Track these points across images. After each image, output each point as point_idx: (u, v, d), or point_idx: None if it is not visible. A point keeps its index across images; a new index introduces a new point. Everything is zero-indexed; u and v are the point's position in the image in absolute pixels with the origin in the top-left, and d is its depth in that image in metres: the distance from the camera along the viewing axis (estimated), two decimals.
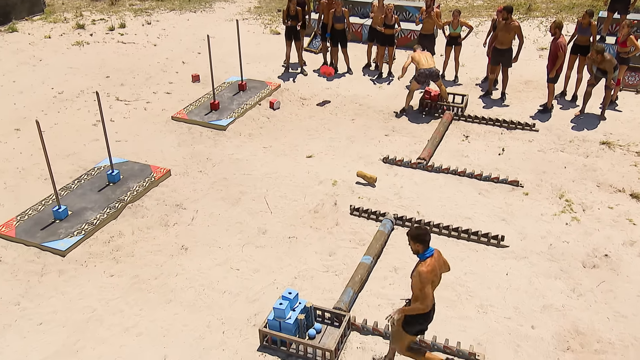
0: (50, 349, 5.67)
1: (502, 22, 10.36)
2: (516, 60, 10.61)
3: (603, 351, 5.51)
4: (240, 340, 5.77)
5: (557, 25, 9.83)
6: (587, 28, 10.12)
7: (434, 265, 4.61)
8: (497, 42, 10.51)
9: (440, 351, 5.56)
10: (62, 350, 5.66)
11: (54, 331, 5.89)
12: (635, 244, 6.94)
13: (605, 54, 9.45)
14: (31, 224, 7.29)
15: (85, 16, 16.00)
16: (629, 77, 10.91)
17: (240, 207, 7.84)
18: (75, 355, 5.61)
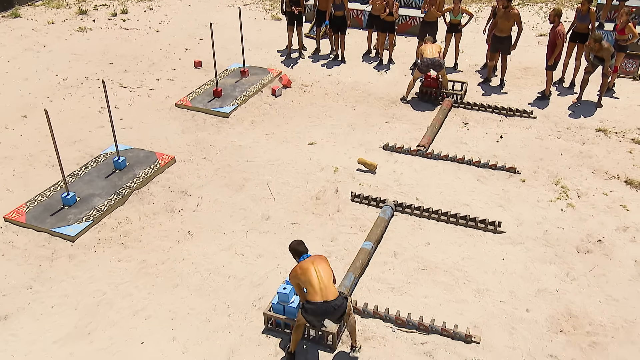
0: (63, 331, 5.85)
1: (502, 9, 10.41)
2: (515, 47, 10.68)
3: (594, 333, 5.69)
4: (245, 322, 5.95)
5: (557, 13, 9.89)
6: (586, 15, 10.17)
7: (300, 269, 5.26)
8: (497, 29, 10.57)
9: (438, 333, 5.74)
10: (75, 332, 5.84)
11: (66, 314, 6.07)
12: (628, 229, 7.09)
13: (602, 43, 9.53)
14: (41, 210, 7.43)
15: (87, 1, 15.98)
16: (626, 64, 10.99)
17: (244, 193, 7.98)
18: (87, 337, 5.80)
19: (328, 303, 5.11)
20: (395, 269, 6.67)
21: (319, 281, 5.17)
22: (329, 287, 5.17)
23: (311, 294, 5.13)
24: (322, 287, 5.17)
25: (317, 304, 5.10)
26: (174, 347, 5.68)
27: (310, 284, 5.15)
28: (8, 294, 6.32)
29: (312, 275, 5.17)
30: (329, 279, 5.25)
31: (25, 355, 5.59)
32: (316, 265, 5.25)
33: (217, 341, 5.74)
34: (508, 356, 5.50)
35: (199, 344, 5.71)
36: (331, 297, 5.13)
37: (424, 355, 5.54)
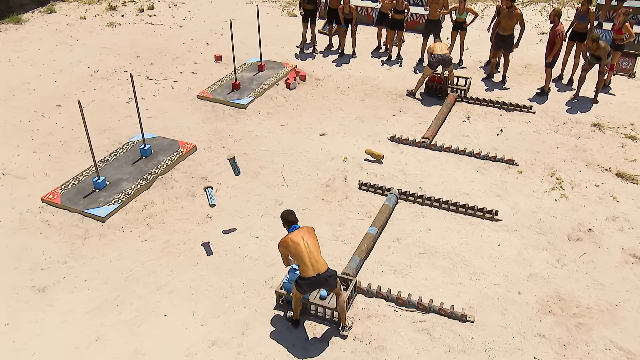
0: (94, 303, 6.07)
1: (506, 9, 10.38)
2: (517, 46, 10.64)
3: (581, 315, 5.79)
4: (259, 299, 6.13)
5: (556, 13, 9.84)
6: (586, 15, 10.11)
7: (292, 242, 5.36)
8: (500, 28, 10.54)
9: (435, 313, 5.87)
10: (105, 305, 6.06)
11: (97, 287, 6.29)
12: (617, 219, 7.14)
13: (600, 42, 9.48)
14: (74, 193, 7.64)
15: None
16: (622, 62, 10.91)
17: (259, 180, 8.12)
18: (116, 309, 6.01)
19: (320, 276, 5.30)
20: (398, 252, 6.79)
21: (309, 257, 5.32)
22: (319, 261, 5.35)
23: (304, 270, 5.31)
24: (313, 261, 5.33)
25: (310, 278, 5.29)
26: (193, 319, 5.87)
27: (302, 261, 5.31)
28: (46, 269, 6.55)
29: (303, 252, 5.32)
30: (318, 252, 5.40)
31: (61, 324, 5.82)
32: (306, 239, 5.38)
33: (233, 315, 5.92)
34: (499, 334, 5.62)
35: (217, 317, 5.90)
36: (322, 270, 5.32)
37: (422, 332, 5.68)
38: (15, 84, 10.98)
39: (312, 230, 5.56)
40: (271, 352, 5.50)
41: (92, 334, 5.69)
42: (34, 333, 5.72)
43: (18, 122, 9.62)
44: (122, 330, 5.74)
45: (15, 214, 7.38)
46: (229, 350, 5.52)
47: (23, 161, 8.51)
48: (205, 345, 5.57)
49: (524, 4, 14.97)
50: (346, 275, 6.19)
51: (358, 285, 6.17)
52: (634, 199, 7.51)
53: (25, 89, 10.78)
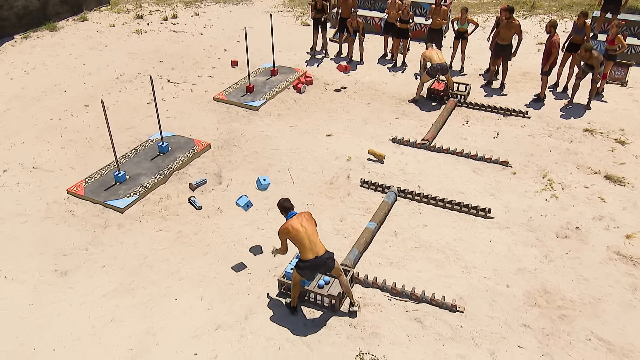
0: (111, 287, 6.16)
1: (505, 20, 10.30)
2: (515, 54, 10.55)
3: (565, 307, 5.74)
4: (262, 287, 6.17)
5: (552, 25, 9.75)
6: (582, 28, 10.00)
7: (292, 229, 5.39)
8: (499, 38, 10.47)
9: (427, 303, 5.86)
10: (120, 288, 6.14)
11: (114, 272, 6.38)
12: (604, 219, 7.05)
13: (592, 52, 9.37)
14: (97, 185, 7.75)
15: (144, 7, 16.29)
16: (615, 71, 10.77)
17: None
18: (131, 292, 6.09)
19: (319, 258, 5.34)
20: (394, 246, 6.78)
21: (309, 241, 5.36)
22: (318, 244, 5.38)
23: (304, 253, 5.34)
24: (312, 245, 5.37)
25: (310, 260, 5.32)
26: (201, 304, 5.93)
27: (302, 244, 5.35)
28: (68, 254, 6.65)
29: (303, 237, 5.36)
30: (316, 236, 5.43)
31: (80, 305, 5.91)
32: (304, 225, 5.41)
33: (238, 301, 5.96)
34: (487, 324, 5.59)
35: (223, 302, 5.95)
36: (321, 252, 5.37)
37: (414, 321, 5.67)
38: (48, 85, 11.16)
39: (310, 214, 5.58)
40: (271, 336, 5.53)
41: (108, 315, 5.78)
42: (55, 313, 5.82)
43: (49, 121, 9.78)
44: (135, 312, 5.81)
45: (42, 204, 7.51)
46: (233, 333, 5.57)
47: (52, 156, 8.65)
48: (210, 328, 5.62)
49: (524, 16, 14.84)
50: (345, 266, 6.19)
51: (355, 276, 6.18)
52: (620, 200, 7.42)
53: (57, 90, 10.95)
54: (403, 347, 5.36)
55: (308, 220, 5.49)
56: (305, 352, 5.35)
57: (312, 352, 5.35)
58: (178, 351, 5.37)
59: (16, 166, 8.38)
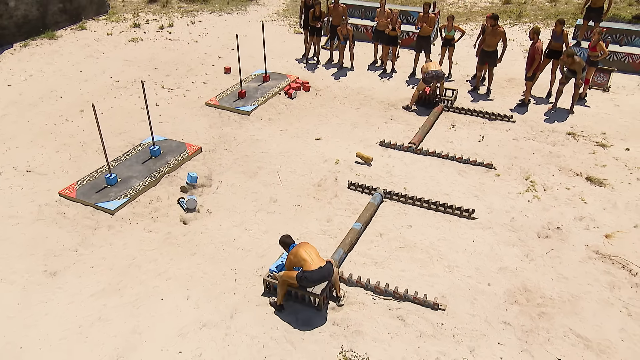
0: (99, 287, 6.10)
1: (490, 27, 10.32)
2: (500, 61, 10.57)
3: (544, 305, 5.70)
4: (248, 286, 6.11)
5: (535, 31, 9.76)
6: (560, 36, 10.03)
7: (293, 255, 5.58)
8: (485, 44, 10.48)
9: (410, 301, 5.81)
10: (108, 288, 6.08)
11: (103, 273, 6.32)
12: (584, 219, 7.03)
13: (574, 57, 9.38)
14: (88, 188, 7.70)
15: (141, 17, 16.29)
16: (597, 77, 10.78)
17: (257, 179, 8.13)
18: (118, 292, 6.03)
19: (322, 268, 5.41)
20: (379, 246, 6.74)
21: (309, 257, 5.50)
22: (318, 258, 5.51)
23: (307, 266, 5.42)
24: (313, 259, 5.47)
25: (313, 271, 5.38)
26: (187, 303, 5.87)
27: (304, 260, 5.48)
28: (58, 255, 6.60)
29: (303, 255, 5.52)
30: (316, 253, 5.58)
31: (68, 304, 5.85)
32: (303, 247, 5.58)
33: (224, 300, 5.91)
34: (468, 322, 5.54)
35: (209, 302, 5.89)
36: (323, 264, 5.46)
37: (396, 319, 5.62)
38: (44, 91, 11.13)
39: (307, 243, 5.76)
40: (256, 334, 5.47)
41: (95, 314, 5.72)
42: (43, 312, 5.76)
43: (44, 125, 9.74)
44: (122, 312, 5.75)
45: (34, 206, 7.46)
46: (218, 332, 5.51)
47: (45, 159, 8.61)
48: (196, 327, 5.57)
49: (510, 24, 14.89)
50: None
51: (340, 275, 6.13)
52: (600, 201, 7.39)
53: (53, 96, 10.92)
54: (385, 345, 5.31)
55: (307, 244, 5.69)
56: (289, 349, 5.29)
57: (295, 349, 5.29)
58: (163, 349, 5.31)
59: (10, 170, 8.33)
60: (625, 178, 7.95)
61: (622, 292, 5.85)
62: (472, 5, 16.84)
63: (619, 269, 6.18)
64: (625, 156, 8.53)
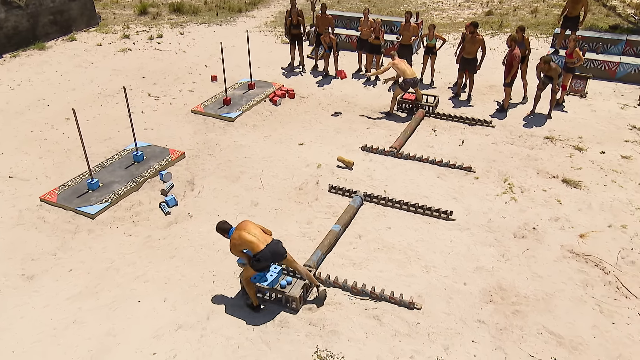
0: (75, 290, 5.97)
1: (469, 35, 10.36)
2: (480, 67, 10.61)
3: (518, 303, 5.63)
4: (226, 288, 6.01)
5: (512, 38, 9.81)
6: (522, 42, 10.12)
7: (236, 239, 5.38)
8: (465, 52, 10.52)
9: (386, 301, 5.72)
10: (85, 291, 5.95)
11: (80, 276, 6.19)
12: (560, 219, 6.99)
13: (551, 64, 9.41)
14: (70, 193, 7.59)
15: (131, 28, 16.27)
16: (575, 83, 10.83)
17: (239, 184, 8.05)
18: (95, 295, 5.90)
19: (269, 245, 5.37)
20: (358, 248, 6.66)
21: (255, 237, 5.38)
22: (264, 236, 5.43)
23: (254, 248, 5.31)
24: (259, 238, 5.40)
25: (262, 251, 5.31)
26: (164, 305, 5.76)
27: (250, 242, 5.35)
28: (36, 259, 6.46)
29: (247, 237, 5.35)
30: (260, 229, 5.48)
31: (43, 308, 5.72)
32: (245, 229, 5.40)
33: (201, 302, 5.80)
34: (443, 320, 5.46)
35: (186, 304, 5.78)
36: (269, 240, 5.43)
37: (372, 318, 5.53)
38: (32, 100, 11.03)
39: (247, 220, 5.54)
40: (231, 335, 5.36)
41: (70, 317, 5.58)
42: (18, 316, 5.62)
43: (30, 133, 9.63)
44: (97, 314, 5.63)
45: (15, 211, 7.33)
46: (193, 333, 5.39)
47: (29, 166, 8.49)
48: (172, 328, 5.45)
49: (492, 34, 14.99)
50: (307, 267, 6.06)
51: (317, 276, 6.04)
52: (576, 202, 7.37)
53: (39, 105, 10.82)
54: (360, 344, 5.21)
55: (247, 223, 5.47)
56: (264, 350, 5.18)
57: (270, 350, 5.18)
58: (137, 351, 5.18)
59: None
60: (601, 180, 7.94)
61: (595, 289, 5.80)
62: (455, 17, 16.96)
63: (593, 267, 6.13)
64: (600, 159, 8.53)
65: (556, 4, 17.61)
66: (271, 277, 5.84)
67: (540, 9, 17.35)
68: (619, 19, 15.72)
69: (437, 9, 18.00)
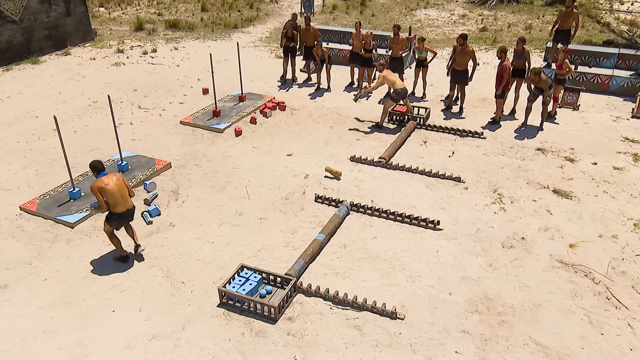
0: (49, 299, 5.81)
1: (459, 47, 10.36)
2: (471, 79, 10.58)
3: (505, 313, 5.46)
4: (204, 298, 5.85)
5: (502, 50, 9.80)
6: (522, 54, 10.07)
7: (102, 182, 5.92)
8: (455, 64, 10.50)
9: (368, 310, 5.56)
10: (58, 300, 5.80)
11: (55, 285, 6.04)
12: (549, 229, 6.85)
13: (541, 75, 9.38)
14: (50, 202, 7.48)
15: (126, 43, 16.36)
16: (567, 96, 10.79)
17: (224, 193, 7.93)
18: (68, 304, 5.74)
19: (128, 210, 6.05)
20: (342, 257, 6.52)
21: (120, 196, 5.95)
22: (127, 199, 6.04)
23: (115, 206, 5.94)
24: (123, 200, 5.98)
25: (121, 213, 6.00)
26: (139, 315, 5.59)
27: (114, 198, 5.91)
28: (11, 268, 6.32)
29: (114, 192, 5.91)
30: (126, 192, 6.05)
31: (14, 317, 5.56)
32: (115, 184, 5.92)
33: (177, 312, 5.64)
34: (426, 330, 5.29)
35: (162, 313, 5.61)
36: (130, 206, 6.07)
37: (353, 329, 5.36)
38: (21, 112, 11.01)
39: (121, 176, 6.07)
40: (206, 345, 5.18)
41: (41, 327, 5.42)
42: None
43: (16, 143, 9.57)
44: (70, 324, 5.46)
45: None
46: (167, 343, 5.22)
47: (11, 175, 8.40)
48: (145, 339, 5.27)
49: (486, 49, 15.05)
50: (288, 275, 5.91)
51: (299, 285, 5.88)
52: (566, 212, 7.23)
53: (28, 116, 10.79)
54: (339, 355, 5.03)
55: (118, 179, 5.96)
56: None
57: None
58: None
59: None
60: (592, 190, 7.82)
61: (584, 300, 5.63)
62: (450, 33, 17.05)
63: (582, 277, 5.97)
64: (592, 170, 8.42)
65: (550, 20, 17.71)
66: (250, 285, 5.71)
67: (534, 25, 17.47)
68: (612, 34, 15.79)
69: (432, 25, 18.12)
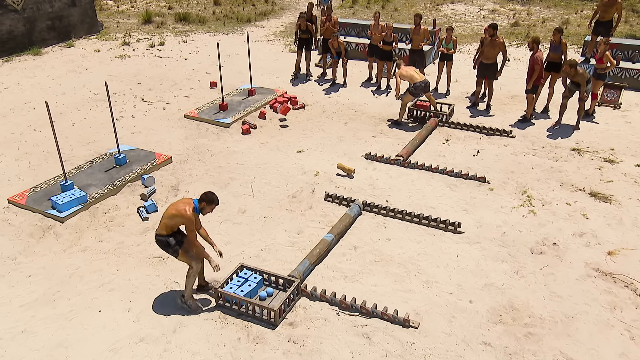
0: (31, 297, 5.70)
1: (489, 38, 10.11)
2: (500, 74, 10.30)
3: (532, 325, 5.14)
4: (198, 299, 5.66)
5: (535, 41, 9.50)
6: (558, 46, 9.73)
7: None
8: (484, 57, 10.24)
9: (378, 317, 5.31)
10: (41, 299, 5.67)
11: (40, 283, 5.92)
12: (585, 235, 6.51)
13: (577, 68, 9.06)
14: (41, 195, 7.41)
15: (132, 36, 16.47)
16: (608, 94, 10.42)
17: (228, 190, 7.78)
18: (52, 303, 5.62)
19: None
20: (352, 260, 6.28)
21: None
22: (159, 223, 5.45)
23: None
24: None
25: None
26: (127, 316, 5.43)
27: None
28: None
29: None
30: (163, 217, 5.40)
31: None
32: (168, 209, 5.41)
33: (170, 313, 5.46)
34: (442, 341, 5.01)
35: (152, 315, 5.45)
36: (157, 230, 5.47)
37: (361, 337, 5.11)
38: (18, 103, 11.07)
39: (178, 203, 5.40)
40: (198, 350, 4.99)
41: (20, 326, 5.29)
42: None
43: (10, 135, 9.59)
44: (51, 324, 5.32)
45: None
46: (156, 347, 5.04)
47: (2, 167, 8.39)
48: (132, 341, 5.10)
49: (517, 45, 14.73)
50: (291, 277, 5.70)
51: (302, 288, 5.66)
52: (604, 217, 6.88)
53: (25, 108, 10.84)
54: None
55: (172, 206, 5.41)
56: None
57: None
58: None
59: None
60: (635, 194, 7.45)
61: (625, 313, 5.29)
62: (478, 29, 16.77)
63: (622, 288, 5.62)
64: (635, 172, 8.05)
65: (589, 15, 17.30)
66: (249, 287, 5.51)
67: (571, 20, 17.09)
68: None
69: (459, 20, 17.87)
